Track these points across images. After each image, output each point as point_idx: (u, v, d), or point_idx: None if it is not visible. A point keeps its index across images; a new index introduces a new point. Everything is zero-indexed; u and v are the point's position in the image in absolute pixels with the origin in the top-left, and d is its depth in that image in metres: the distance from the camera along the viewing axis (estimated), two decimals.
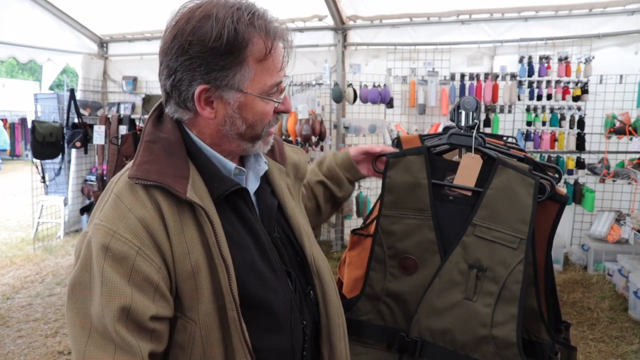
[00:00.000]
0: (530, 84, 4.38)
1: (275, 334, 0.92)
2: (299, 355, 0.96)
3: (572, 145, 4.31)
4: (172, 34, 0.86)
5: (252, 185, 0.99)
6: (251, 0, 0.89)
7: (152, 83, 5.77)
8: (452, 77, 4.58)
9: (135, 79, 5.86)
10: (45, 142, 5.20)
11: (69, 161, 5.68)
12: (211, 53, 0.83)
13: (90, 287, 0.80)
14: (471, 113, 1.31)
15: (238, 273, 0.87)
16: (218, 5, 0.85)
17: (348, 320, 1.28)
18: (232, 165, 0.93)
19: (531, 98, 4.38)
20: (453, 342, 1.16)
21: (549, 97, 4.32)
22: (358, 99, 4.65)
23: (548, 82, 4.33)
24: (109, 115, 5.34)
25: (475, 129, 1.28)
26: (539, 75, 4.33)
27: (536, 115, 4.44)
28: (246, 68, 0.86)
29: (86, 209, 5.55)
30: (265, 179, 1.04)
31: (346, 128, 4.78)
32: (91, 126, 5.32)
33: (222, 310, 0.85)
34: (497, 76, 4.45)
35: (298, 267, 1.02)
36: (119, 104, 5.85)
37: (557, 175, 1.30)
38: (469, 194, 1.24)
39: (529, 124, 4.46)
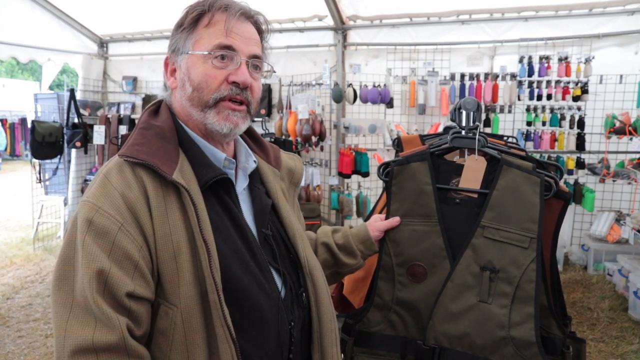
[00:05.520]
0: (530, 84, 4.38)
1: (259, 329, 0.90)
2: (285, 358, 0.94)
3: (572, 145, 4.31)
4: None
5: (241, 183, 1.01)
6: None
7: (152, 83, 5.76)
8: (452, 77, 4.58)
9: (135, 79, 5.85)
10: (44, 142, 5.19)
11: (69, 161, 5.67)
12: (176, 28, 0.97)
13: (74, 262, 0.81)
14: (472, 113, 1.31)
15: (223, 260, 0.87)
16: None
17: (358, 333, 1.27)
18: (222, 155, 0.97)
19: (531, 98, 4.38)
20: (471, 346, 1.15)
21: (549, 97, 4.33)
22: (358, 99, 4.64)
23: (548, 82, 4.33)
24: (109, 115, 5.33)
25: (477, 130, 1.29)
26: (539, 75, 4.33)
27: (536, 115, 4.44)
28: (194, 33, 0.95)
29: None
30: (260, 180, 1.06)
31: (346, 128, 4.78)
32: (91, 126, 5.31)
33: (204, 296, 0.85)
34: (497, 76, 4.45)
35: (291, 268, 1.01)
36: (119, 104, 5.84)
37: (557, 174, 1.30)
38: (475, 196, 1.24)
39: (529, 124, 4.46)
